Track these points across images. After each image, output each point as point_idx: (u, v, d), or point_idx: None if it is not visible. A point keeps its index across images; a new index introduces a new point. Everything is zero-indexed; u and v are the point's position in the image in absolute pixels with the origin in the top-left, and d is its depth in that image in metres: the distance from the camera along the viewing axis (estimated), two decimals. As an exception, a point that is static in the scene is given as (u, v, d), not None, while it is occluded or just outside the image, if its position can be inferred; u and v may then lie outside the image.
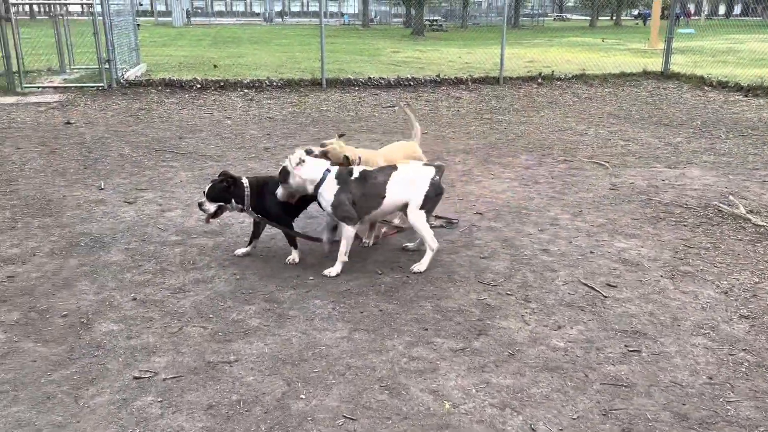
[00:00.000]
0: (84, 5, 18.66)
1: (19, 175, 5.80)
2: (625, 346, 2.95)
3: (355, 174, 3.66)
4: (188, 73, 12.94)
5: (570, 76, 13.05)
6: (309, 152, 3.85)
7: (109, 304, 3.30)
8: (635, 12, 60.70)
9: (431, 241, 3.73)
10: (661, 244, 4.24)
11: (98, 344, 2.90)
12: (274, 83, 11.56)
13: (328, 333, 3.03)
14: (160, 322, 3.12)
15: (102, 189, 5.39)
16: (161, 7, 58.58)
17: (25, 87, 10.70)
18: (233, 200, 3.77)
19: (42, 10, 46.85)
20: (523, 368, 2.76)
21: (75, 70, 13.25)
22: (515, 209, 4.95)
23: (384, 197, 3.64)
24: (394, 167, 3.74)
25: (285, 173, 3.66)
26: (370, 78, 12.06)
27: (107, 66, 10.77)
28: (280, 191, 3.72)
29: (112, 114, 8.93)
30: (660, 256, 4.02)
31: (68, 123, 8.23)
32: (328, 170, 3.67)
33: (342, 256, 3.68)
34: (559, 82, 12.57)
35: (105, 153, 6.68)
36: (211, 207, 3.77)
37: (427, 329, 3.08)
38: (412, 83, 11.99)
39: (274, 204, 3.78)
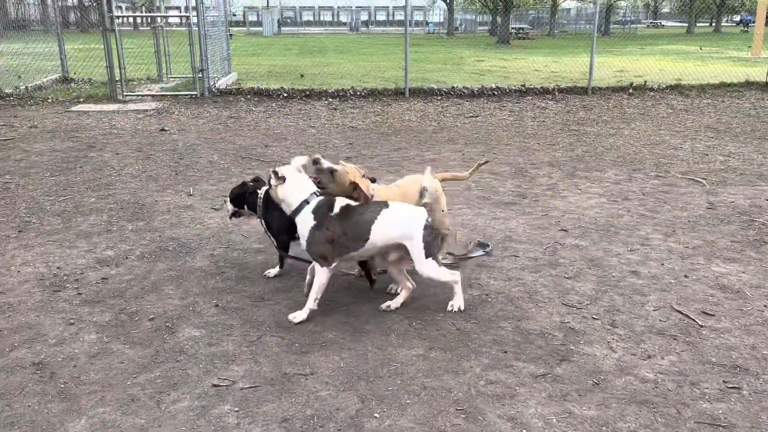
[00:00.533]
0: (181, 17, 19.56)
1: (117, 179, 6.11)
2: (724, 381, 2.73)
3: (336, 209, 3.24)
4: (276, 82, 13.31)
5: (664, 86, 12.46)
6: (317, 162, 3.43)
7: (193, 310, 3.40)
8: (737, 18, 57.36)
9: (452, 280, 3.32)
10: (766, 270, 3.93)
11: (181, 349, 2.98)
12: (358, 92, 11.69)
13: (403, 350, 2.98)
14: (240, 330, 3.17)
15: (191, 195, 5.59)
16: (253, 18, 60.77)
17: (126, 95, 11.33)
18: (246, 207, 3.78)
19: (144, 21, 49.78)
20: (609, 399, 2.60)
21: (171, 79, 13.92)
22: (603, 227, 4.73)
23: (367, 239, 3.21)
24: (385, 204, 3.30)
25: (268, 183, 3.43)
26: (453, 87, 11.98)
27: (201, 75, 11.25)
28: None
29: (204, 122, 9.30)
30: (764, 284, 3.72)
31: (163, 130, 8.63)
32: (306, 201, 3.26)
33: (311, 302, 3.25)
34: (651, 93, 12.02)
35: (195, 160, 6.94)
36: (230, 208, 3.85)
37: (506, 352, 2.97)
38: (496, 93, 11.81)
39: (276, 219, 3.57)
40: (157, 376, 2.75)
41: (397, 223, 3.21)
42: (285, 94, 11.53)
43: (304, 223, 3.26)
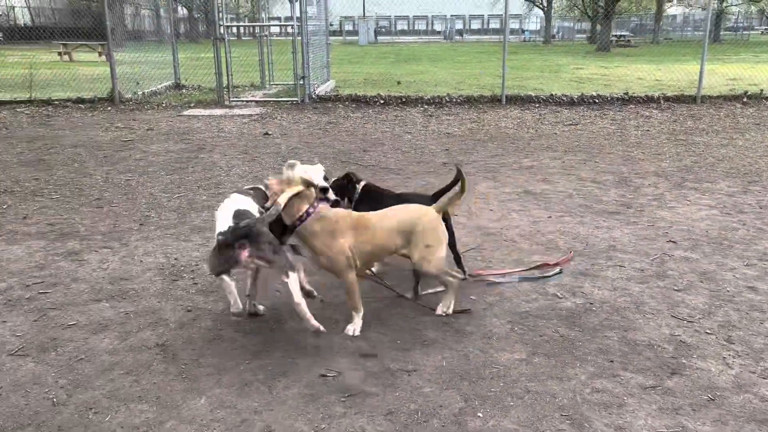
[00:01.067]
0: (283, 27, 20.31)
1: (225, 179, 6.45)
2: None
3: None
4: (372, 89, 13.56)
5: (783, 94, 11.65)
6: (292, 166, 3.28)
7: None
8: None
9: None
10: None
11: (289, 340, 3.11)
12: (454, 99, 11.71)
13: (505, 353, 2.97)
14: (344, 324, 3.26)
15: (294, 195, 5.81)
16: (348, 27, 62.21)
17: (232, 101, 11.91)
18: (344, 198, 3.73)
19: (246, 31, 52.09)
20: (726, 416, 2.48)
21: (273, 86, 14.50)
22: (715, 240, 4.50)
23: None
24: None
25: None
26: (551, 95, 11.75)
27: (302, 82, 11.65)
28: None
29: (304, 126, 9.62)
30: None
31: (266, 134, 9.01)
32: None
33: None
34: (768, 102, 11.27)
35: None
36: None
37: (612, 361, 2.90)
38: (597, 101, 11.48)
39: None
40: (268, 364, 2.89)
41: None
42: (381, 101, 11.73)
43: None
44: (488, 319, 3.32)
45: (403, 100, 11.79)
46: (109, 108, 11.41)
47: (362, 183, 3.90)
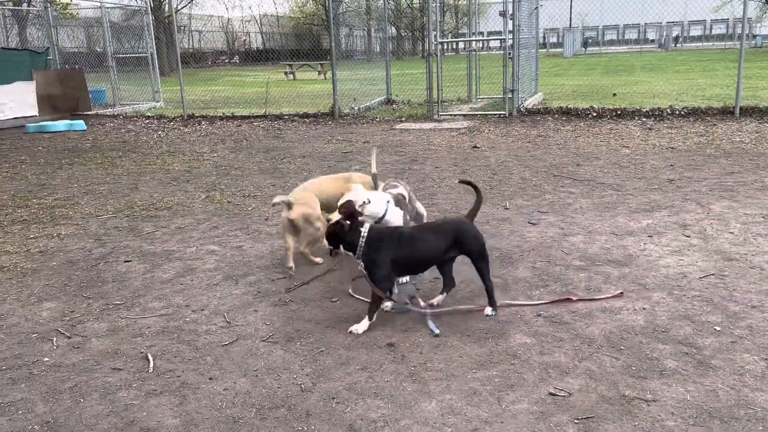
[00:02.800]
0: (495, 41, 20.43)
1: (438, 190, 6.61)
2: None
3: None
4: (583, 101, 13.04)
5: None
6: None
7: (521, 318, 3.48)
8: None
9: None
10: None
11: (514, 354, 3.08)
12: (676, 111, 10.81)
13: (763, 394, 2.64)
14: (570, 344, 3.15)
15: (507, 209, 5.77)
16: (553, 39, 60.71)
17: (441, 114, 12.23)
18: None
19: (449, 47, 53.28)
20: None
21: (480, 100, 14.62)
22: None
23: None
24: None
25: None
26: (797, 106, 10.32)
27: (510, 96, 11.58)
28: None
29: (512, 140, 9.54)
30: None
31: (475, 147, 9.09)
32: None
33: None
34: None
35: (507, 176, 7.15)
36: None
37: None
38: None
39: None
40: (495, 375, 2.88)
41: None
42: (594, 114, 11.22)
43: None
44: (738, 354, 2.98)
45: (618, 112, 11.16)
46: (329, 122, 12.37)
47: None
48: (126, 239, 5.22)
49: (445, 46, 54.55)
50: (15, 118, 13.64)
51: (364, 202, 3.69)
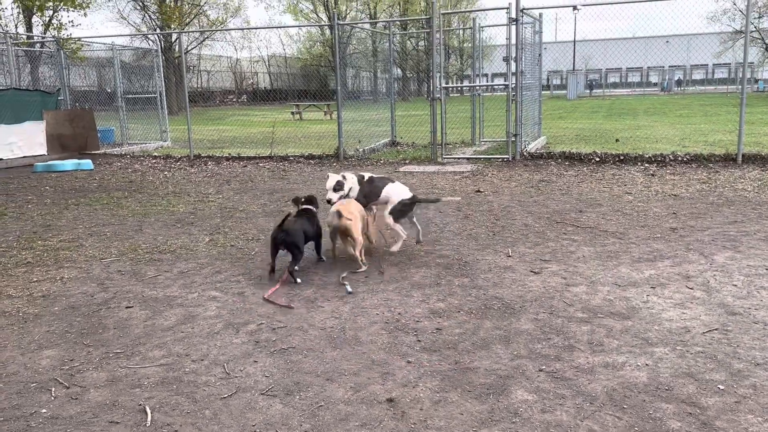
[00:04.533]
0: (499, 86, 20.71)
1: (441, 236, 6.63)
2: None
3: None
4: (585, 145, 13.16)
5: None
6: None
7: (522, 373, 3.46)
8: None
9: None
10: None
11: (515, 411, 3.04)
12: (679, 158, 10.89)
13: (768, 459, 2.60)
14: (572, 401, 3.12)
15: (509, 256, 5.77)
16: (556, 81, 61.57)
17: (444, 157, 12.33)
18: None
19: (453, 89, 53.99)
20: None
21: (483, 143, 14.75)
22: None
23: None
24: None
25: None
26: (800, 154, 10.38)
27: (513, 139, 11.69)
28: None
29: (516, 184, 9.60)
30: None
31: (478, 191, 9.14)
32: None
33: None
34: None
35: (510, 221, 7.17)
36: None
37: None
38: None
39: None
40: (496, 434, 2.85)
41: None
42: (597, 159, 11.30)
43: None
44: (742, 415, 2.94)
45: (621, 157, 11.24)
46: (334, 163, 12.48)
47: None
48: (128, 284, 5.23)
49: (450, 88, 55.37)
50: (24, 156, 13.82)
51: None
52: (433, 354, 3.72)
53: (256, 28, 54.39)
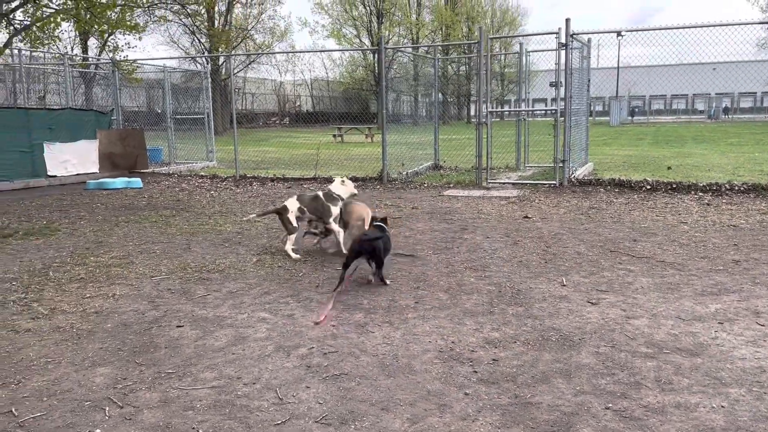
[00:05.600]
0: (547, 111, 20.55)
1: (490, 262, 6.47)
2: None
3: None
4: (634, 172, 12.85)
5: None
6: None
7: (587, 410, 3.28)
8: None
9: None
10: None
11: (583, 451, 2.88)
12: (735, 187, 10.51)
13: None
14: None
15: (564, 285, 5.59)
16: (599, 108, 60.85)
17: (489, 182, 12.18)
18: None
19: (495, 113, 53.89)
20: None
21: (528, 168, 14.55)
22: None
23: None
24: None
25: None
26: None
27: (561, 165, 11.48)
28: None
29: (564, 211, 9.38)
30: None
31: (526, 217, 8.96)
32: None
33: None
34: None
35: (562, 249, 6.97)
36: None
37: None
38: None
39: None
40: (564, 476, 2.68)
41: None
42: (648, 186, 11.00)
43: None
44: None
45: (673, 186, 10.92)
46: (378, 186, 12.45)
47: None
48: (178, 302, 5.23)
49: (494, 113, 55.35)
50: (77, 174, 14.19)
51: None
52: (491, 386, 3.57)
53: (300, 52, 55.42)
